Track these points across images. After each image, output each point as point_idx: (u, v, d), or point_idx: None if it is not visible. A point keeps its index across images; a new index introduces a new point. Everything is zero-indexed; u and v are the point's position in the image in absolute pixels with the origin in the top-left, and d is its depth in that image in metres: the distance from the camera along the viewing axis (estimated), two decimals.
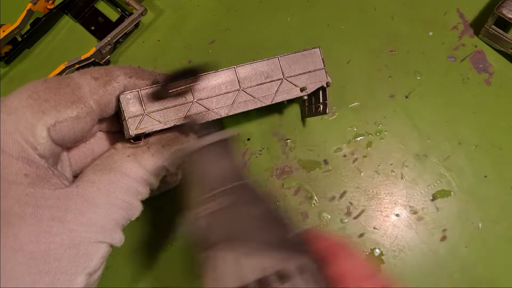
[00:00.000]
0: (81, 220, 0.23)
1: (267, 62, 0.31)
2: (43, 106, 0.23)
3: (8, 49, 0.40)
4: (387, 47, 0.41)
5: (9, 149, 0.22)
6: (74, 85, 0.25)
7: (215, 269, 0.21)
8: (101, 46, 0.38)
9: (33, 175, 0.23)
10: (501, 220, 0.36)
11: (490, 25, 0.39)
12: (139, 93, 0.27)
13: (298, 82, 0.31)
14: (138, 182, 0.26)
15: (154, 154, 0.27)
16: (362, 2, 0.43)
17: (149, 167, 0.27)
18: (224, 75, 0.30)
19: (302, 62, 0.31)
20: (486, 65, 0.40)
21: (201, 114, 0.28)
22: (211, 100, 0.29)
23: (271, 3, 0.43)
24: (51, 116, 0.23)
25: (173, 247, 0.35)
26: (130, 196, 0.26)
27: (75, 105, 0.25)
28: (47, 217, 0.22)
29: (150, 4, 0.43)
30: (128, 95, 0.27)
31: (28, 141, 0.23)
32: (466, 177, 0.37)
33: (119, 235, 0.25)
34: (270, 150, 0.38)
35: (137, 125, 0.27)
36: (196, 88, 0.29)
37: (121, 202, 0.25)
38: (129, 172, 0.26)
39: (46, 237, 0.22)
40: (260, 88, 0.30)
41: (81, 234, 0.23)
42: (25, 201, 0.22)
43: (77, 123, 0.25)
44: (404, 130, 0.39)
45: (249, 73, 0.30)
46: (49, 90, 0.24)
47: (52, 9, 0.41)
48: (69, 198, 0.23)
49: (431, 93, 0.40)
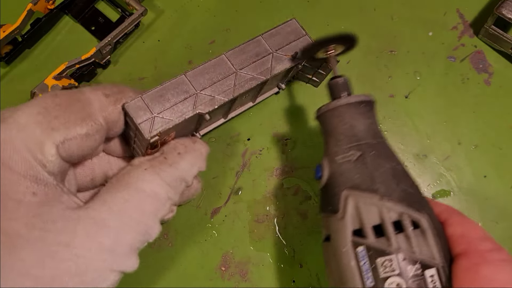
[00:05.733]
0: (88, 245, 0.21)
1: (252, 42, 0.32)
2: (53, 123, 0.23)
3: (8, 49, 0.40)
4: (387, 47, 0.41)
5: (17, 167, 0.21)
6: (85, 100, 0.25)
7: (356, 206, 0.25)
8: (102, 46, 0.38)
9: (41, 194, 0.22)
10: (501, 220, 0.36)
11: (490, 25, 0.39)
12: (142, 99, 0.27)
13: (287, 52, 0.32)
14: (155, 198, 0.24)
15: (172, 165, 0.26)
16: (362, 2, 0.43)
17: (167, 179, 0.25)
18: (216, 64, 0.30)
19: (284, 35, 0.32)
20: (486, 65, 0.40)
21: (207, 102, 0.29)
22: (212, 88, 0.30)
23: (271, 3, 0.43)
24: (60, 134, 0.23)
25: (173, 247, 0.35)
26: (146, 215, 0.24)
27: (85, 123, 0.24)
28: (53, 241, 0.21)
29: (150, 4, 0.43)
30: (133, 103, 0.27)
31: (36, 158, 0.22)
32: (466, 177, 0.37)
33: (132, 260, 0.23)
34: (270, 150, 0.38)
35: (150, 128, 0.27)
36: (193, 82, 0.29)
37: (136, 223, 0.23)
38: (146, 187, 0.24)
39: (52, 263, 0.21)
40: (254, 66, 0.31)
41: (88, 261, 0.21)
42: (32, 224, 0.21)
43: (86, 141, 0.24)
44: (404, 130, 0.39)
45: (238, 56, 0.31)
46: (59, 106, 0.24)
47: (52, 9, 0.41)
48: (78, 221, 0.22)
49: (431, 93, 0.40)
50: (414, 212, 0.24)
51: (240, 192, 0.37)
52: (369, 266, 0.23)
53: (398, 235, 0.24)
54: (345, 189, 0.26)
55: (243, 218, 0.36)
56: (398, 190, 0.25)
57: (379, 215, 0.24)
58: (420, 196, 0.26)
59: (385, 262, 0.23)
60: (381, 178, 0.25)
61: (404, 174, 0.26)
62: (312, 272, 0.35)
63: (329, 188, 0.27)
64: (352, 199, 0.25)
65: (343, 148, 0.27)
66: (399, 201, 0.24)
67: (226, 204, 0.37)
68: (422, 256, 0.23)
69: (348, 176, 0.26)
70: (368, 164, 0.26)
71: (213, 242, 0.36)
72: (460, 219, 0.25)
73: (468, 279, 0.22)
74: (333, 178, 0.27)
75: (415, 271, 0.23)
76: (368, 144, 0.27)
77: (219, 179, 0.37)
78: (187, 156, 0.27)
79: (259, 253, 0.35)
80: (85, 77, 0.39)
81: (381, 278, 0.23)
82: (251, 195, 0.37)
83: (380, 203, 0.24)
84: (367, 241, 0.24)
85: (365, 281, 0.23)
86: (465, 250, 0.24)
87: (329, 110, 0.29)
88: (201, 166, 0.28)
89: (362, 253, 0.23)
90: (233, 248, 0.35)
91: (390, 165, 0.26)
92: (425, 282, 0.23)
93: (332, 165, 0.27)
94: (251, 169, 0.37)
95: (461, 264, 0.23)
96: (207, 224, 0.36)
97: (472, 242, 0.24)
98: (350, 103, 0.28)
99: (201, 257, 0.35)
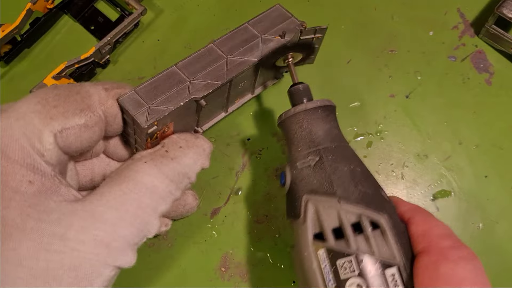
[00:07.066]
0: (83, 238, 0.21)
1: (239, 30, 0.32)
2: (51, 112, 0.23)
3: (7, 49, 0.40)
4: (387, 47, 0.41)
5: (14, 155, 0.21)
6: (84, 93, 0.25)
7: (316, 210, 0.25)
8: (101, 45, 0.38)
9: (38, 183, 0.22)
10: (501, 220, 0.36)
11: (490, 24, 0.39)
12: (135, 92, 0.27)
13: (275, 35, 0.32)
14: (154, 192, 0.24)
15: (174, 159, 0.25)
16: (362, 2, 0.43)
17: (168, 172, 0.25)
18: (206, 53, 0.30)
19: (270, 19, 0.33)
20: (487, 65, 0.40)
21: (201, 88, 0.29)
22: (205, 75, 0.30)
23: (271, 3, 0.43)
24: (58, 123, 0.23)
25: (173, 247, 0.35)
26: (144, 209, 0.23)
27: (84, 113, 0.24)
28: (48, 233, 0.21)
29: (150, 4, 0.43)
30: (126, 97, 0.27)
31: (34, 147, 0.22)
32: (467, 177, 0.37)
33: (129, 256, 0.23)
34: (270, 150, 0.38)
35: (146, 118, 0.27)
36: (185, 72, 0.29)
37: (133, 216, 0.22)
38: (145, 180, 0.24)
39: (46, 255, 0.20)
40: (244, 50, 0.31)
41: (82, 255, 0.21)
42: (27, 213, 0.21)
43: (84, 131, 0.24)
44: (405, 130, 0.39)
45: (227, 44, 0.31)
46: (58, 96, 0.24)
47: (51, 8, 0.41)
48: (74, 213, 0.21)
49: (432, 93, 0.40)
50: (372, 213, 0.24)
51: (240, 192, 0.37)
52: (330, 268, 0.23)
53: (357, 236, 0.24)
54: (305, 194, 0.26)
55: (243, 219, 0.36)
56: (356, 192, 0.25)
57: (338, 218, 0.24)
58: (380, 197, 0.26)
59: (345, 264, 0.23)
60: (339, 181, 0.26)
61: (363, 176, 0.26)
62: None
63: (291, 194, 0.27)
64: (311, 204, 0.26)
65: (303, 153, 0.28)
66: (357, 203, 0.25)
67: (226, 205, 0.36)
68: (381, 256, 0.23)
69: (307, 181, 0.26)
70: (326, 168, 0.26)
71: (212, 242, 0.35)
72: (423, 217, 0.25)
73: (428, 277, 0.22)
74: (294, 184, 0.27)
75: (375, 271, 0.23)
76: (326, 149, 0.27)
77: (219, 179, 0.37)
78: (189, 152, 0.27)
79: (259, 253, 0.35)
80: (85, 77, 0.39)
81: (342, 279, 0.23)
82: (251, 195, 0.37)
83: (339, 206, 0.25)
84: (327, 244, 0.24)
85: (327, 283, 0.23)
86: (425, 248, 0.24)
87: (288, 117, 0.29)
88: (204, 163, 0.28)
89: (323, 256, 0.24)
90: (233, 249, 0.35)
91: (349, 167, 0.26)
92: (386, 281, 0.23)
93: (293, 171, 0.28)
94: (251, 169, 0.37)
95: (421, 262, 0.23)
96: (206, 225, 0.36)
97: (433, 240, 0.24)
98: (307, 109, 0.29)
99: (201, 258, 0.35)
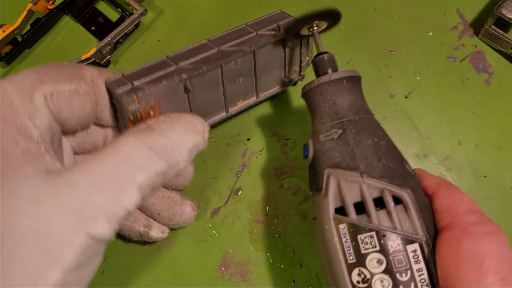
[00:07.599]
0: (53, 202, 0.20)
1: (237, 30, 0.32)
2: (43, 77, 0.24)
3: (8, 49, 0.40)
4: (387, 47, 0.41)
5: (4, 114, 0.22)
6: (77, 67, 0.26)
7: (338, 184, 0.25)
8: (102, 46, 0.39)
9: (23, 145, 0.21)
10: (501, 220, 0.36)
11: (490, 25, 0.39)
12: (123, 75, 0.28)
13: (271, 31, 0.32)
14: (133, 161, 0.22)
15: (157, 131, 0.24)
16: (362, 2, 0.43)
17: (149, 143, 0.23)
18: (199, 47, 0.31)
19: (268, 21, 0.33)
20: (486, 65, 0.40)
21: (187, 70, 0.29)
22: (193, 62, 0.30)
23: (271, 3, 0.43)
24: (49, 85, 0.24)
25: (173, 247, 0.35)
26: (120, 176, 0.21)
27: (75, 81, 0.25)
28: (22, 197, 0.20)
29: (150, 4, 0.43)
30: (114, 79, 0.27)
31: (25, 107, 0.23)
32: (466, 177, 0.37)
33: (103, 224, 0.21)
34: (270, 150, 0.38)
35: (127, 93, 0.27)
36: (175, 60, 0.30)
37: (107, 182, 0.21)
38: (124, 149, 0.22)
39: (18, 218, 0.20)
40: (237, 43, 0.31)
41: (51, 219, 0.20)
42: (6, 175, 0.20)
43: (75, 98, 0.25)
44: (404, 130, 0.39)
45: (222, 40, 0.31)
46: (51, 67, 0.25)
47: (52, 9, 0.41)
48: (48, 180, 0.21)
49: (431, 93, 0.40)
50: (395, 187, 0.24)
51: (240, 192, 0.37)
52: (351, 243, 0.23)
53: (379, 211, 0.24)
54: (327, 167, 0.26)
55: (243, 218, 0.36)
56: (379, 166, 0.25)
57: (360, 192, 0.24)
58: (404, 170, 0.25)
59: (366, 239, 0.23)
60: (362, 155, 0.25)
61: (387, 149, 0.26)
62: (312, 272, 0.35)
63: (314, 167, 0.27)
64: (333, 177, 0.25)
65: (326, 126, 0.27)
66: (380, 177, 0.24)
67: (226, 204, 0.37)
68: (404, 232, 0.23)
69: (330, 154, 0.26)
70: (349, 141, 0.26)
71: (213, 242, 0.36)
72: (448, 191, 0.25)
73: (450, 253, 0.22)
74: (316, 157, 0.27)
75: (396, 247, 0.23)
76: (350, 121, 0.27)
77: (219, 179, 0.37)
78: (176, 126, 0.25)
79: (259, 253, 0.35)
80: None
81: (362, 254, 0.23)
82: (251, 195, 0.37)
83: (361, 180, 0.24)
84: (348, 218, 0.24)
85: (347, 257, 0.23)
86: (449, 224, 0.23)
87: (312, 88, 0.29)
88: (197, 141, 0.25)
89: (344, 230, 0.24)
90: (233, 248, 0.35)
91: (372, 140, 0.26)
92: (407, 257, 0.23)
93: (316, 144, 0.27)
94: (251, 169, 0.37)
95: (444, 238, 0.23)
96: (207, 224, 0.36)
97: (457, 215, 0.24)
98: (332, 80, 0.28)
99: (201, 257, 0.35)
